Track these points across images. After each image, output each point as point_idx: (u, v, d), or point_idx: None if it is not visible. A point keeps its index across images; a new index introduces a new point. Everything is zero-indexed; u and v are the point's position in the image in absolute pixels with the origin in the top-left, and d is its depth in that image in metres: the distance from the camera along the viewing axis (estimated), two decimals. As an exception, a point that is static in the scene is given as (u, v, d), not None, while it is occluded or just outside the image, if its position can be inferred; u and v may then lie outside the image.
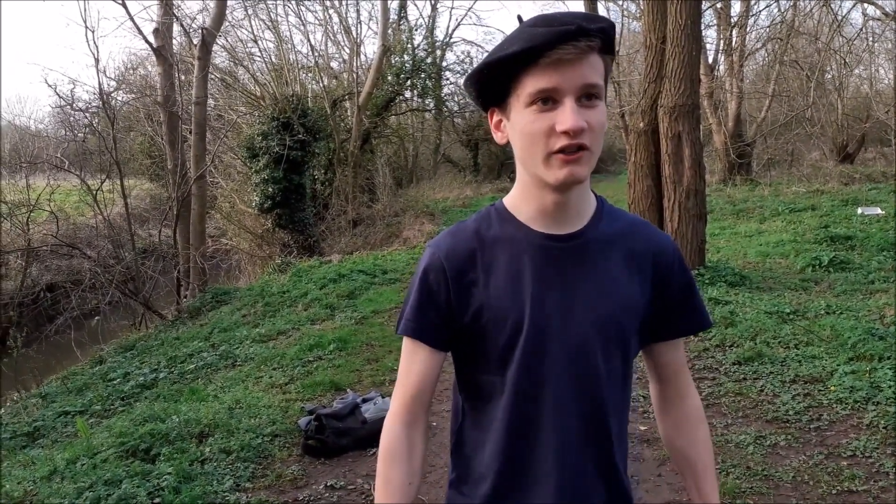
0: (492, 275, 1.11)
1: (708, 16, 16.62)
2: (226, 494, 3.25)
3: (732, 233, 10.50)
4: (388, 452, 1.16)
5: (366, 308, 7.50)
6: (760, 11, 17.81)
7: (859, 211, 10.60)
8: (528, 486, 1.12)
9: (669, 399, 1.27)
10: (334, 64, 20.91)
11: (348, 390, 4.72)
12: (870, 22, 16.47)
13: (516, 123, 1.04)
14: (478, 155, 26.70)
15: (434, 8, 24.24)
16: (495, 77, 1.03)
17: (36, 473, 3.53)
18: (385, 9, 18.04)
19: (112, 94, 13.14)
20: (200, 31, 12.42)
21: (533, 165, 1.05)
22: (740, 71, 17.59)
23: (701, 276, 6.71)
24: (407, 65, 20.65)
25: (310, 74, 18.66)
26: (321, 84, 17.97)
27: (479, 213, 1.18)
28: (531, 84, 0.99)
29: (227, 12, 14.61)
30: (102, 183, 11.01)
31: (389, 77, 19.43)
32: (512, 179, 1.15)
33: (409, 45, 21.22)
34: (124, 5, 11.66)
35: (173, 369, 6.41)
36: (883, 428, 3.49)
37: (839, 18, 15.42)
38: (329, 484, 3.40)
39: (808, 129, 18.27)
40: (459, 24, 38.88)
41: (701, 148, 7.15)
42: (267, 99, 14.93)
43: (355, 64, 19.20)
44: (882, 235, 8.62)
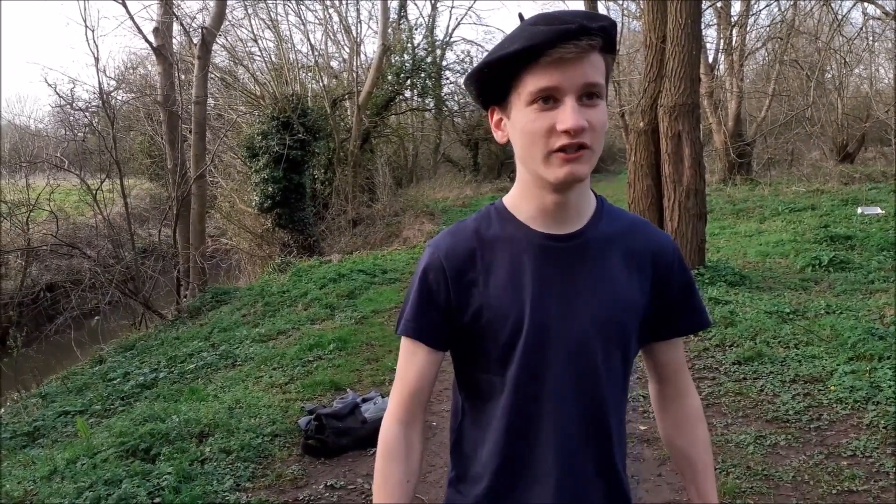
0: (492, 274, 1.11)
1: (708, 15, 16.64)
2: (226, 494, 3.25)
3: (732, 232, 10.50)
4: (386, 451, 1.16)
5: (366, 308, 7.50)
6: (760, 11, 17.82)
7: (859, 210, 10.59)
8: (528, 486, 1.12)
9: (669, 398, 1.27)
10: (334, 63, 20.93)
11: (348, 390, 4.72)
12: (870, 21, 16.48)
13: (517, 122, 1.04)
14: (478, 154, 26.69)
15: (434, 7, 24.27)
16: (496, 76, 1.03)
17: (36, 473, 3.52)
18: (385, 8, 18.05)
19: (112, 94, 13.16)
20: (200, 31, 12.41)
21: (533, 164, 1.04)
22: (740, 70, 17.58)
23: (701, 276, 6.71)
24: (407, 64, 20.65)
25: (310, 74, 18.66)
26: (321, 83, 17.97)
27: (479, 213, 1.18)
28: (532, 83, 0.99)
29: (227, 11, 14.62)
30: (102, 182, 11.00)
31: (389, 76, 19.43)
32: (512, 179, 1.15)
33: (409, 45, 21.23)
34: (124, 4, 11.66)
35: (173, 369, 6.41)
36: (883, 428, 3.49)
37: (839, 18, 15.41)
38: (329, 484, 3.40)
39: (808, 129, 18.26)
40: (459, 24, 38.70)
41: (701, 147, 7.15)
42: (267, 98, 14.93)
43: (355, 63, 19.20)
44: (882, 235, 8.61)
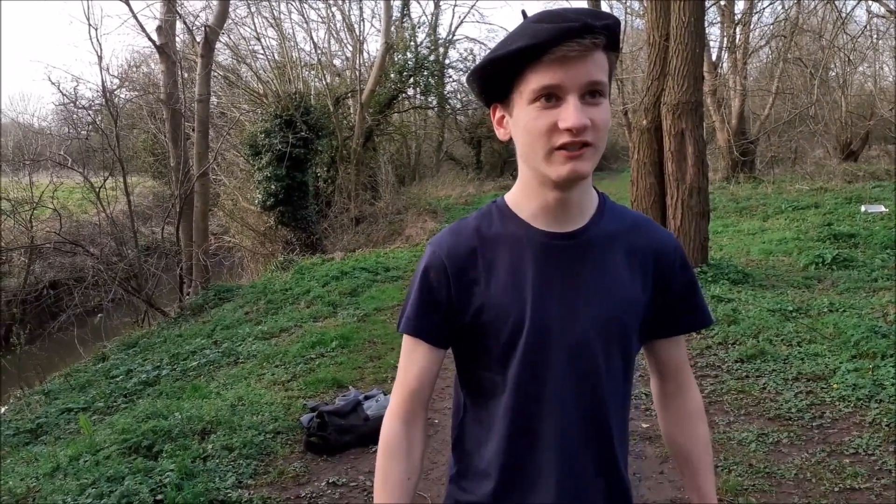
0: (493, 273, 1.11)
1: (711, 13, 16.58)
2: (228, 491, 3.25)
3: (735, 230, 10.48)
4: (387, 449, 1.16)
5: (368, 305, 7.51)
6: (764, 9, 17.74)
7: (863, 209, 10.56)
8: (529, 485, 1.12)
9: (670, 395, 1.27)
10: (337, 61, 20.94)
11: (350, 387, 4.72)
12: (874, 19, 16.41)
13: (519, 120, 1.04)
14: (480, 152, 26.65)
15: (437, 5, 24.20)
16: (499, 73, 1.03)
17: (39, 470, 3.54)
18: (388, 6, 18.04)
19: (115, 92, 13.14)
20: (203, 29, 12.41)
21: (535, 162, 1.04)
22: (744, 68, 17.53)
23: (704, 274, 6.70)
24: (410, 62, 20.62)
25: (313, 72, 18.67)
26: (324, 82, 17.96)
27: (481, 211, 1.18)
28: (535, 81, 0.99)
29: (230, 10, 14.62)
30: (105, 180, 11.01)
31: (392, 74, 19.41)
32: (514, 177, 1.15)
33: (412, 43, 21.21)
34: (127, 3, 11.68)
35: (176, 366, 6.42)
36: (885, 426, 3.48)
37: (843, 16, 15.38)
38: (331, 481, 3.40)
39: (812, 127, 18.20)
40: (462, 22, 38.94)
41: (704, 145, 7.13)
42: (270, 96, 14.95)
43: (358, 61, 19.17)
44: (885, 233, 8.59)
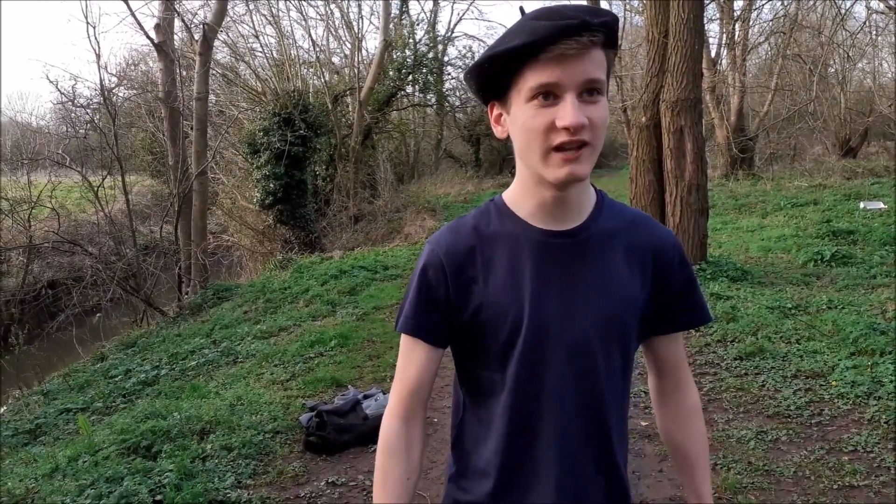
0: (491, 271, 1.11)
1: (710, 10, 16.56)
2: (227, 491, 3.25)
3: (734, 227, 10.48)
4: (386, 448, 1.16)
5: (367, 304, 7.50)
6: (763, 5, 17.82)
7: (861, 205, 10.56)
8: (529, 483, 1.12)
9: (668, 392, 1.27)
10: (336, 59, 20.91)
11: (349, 387, 4.72)
12: (873, 15, 16.35)
13: (517, 118, 1.03)
14: (479, 150, 26.65)
15: (436, 2, 24.22)
16: (496, 71, 1.02)
17: (37, 471, 3.53)
18: (386, 4, 18.01)
19: (113, 91, 13.11)
20: (202, 27, 12.39)
21: (533, 162, 1.03)
22: (743, 65, 17.52)
23: (703, 271, 6.70)
24: (408, 60, 20.61)
25: (311, 70, 18.65)
26: (322, 79, 17.95)
27: (479, 209, 1.17)
28: (532, 78, 0.98)
29: (229, 8, 14.61)
30: (104, 179, 11.00)
31: (391, 72, 19.40)
32: (513, 175, 1.14)
33: (411, 40, 21.19)
34: (126, 1, 11.66)
35: (175, 366, 6.42)
36: (884, 423, 3.48)
37: (842, 12, 15.36)
38: (330, 480, 3.40)
39: (811, 124, 18.20)
40: (461, 19, 38.88)
41: (703, 142, 7.13)
42: (268, 94, 14.93)
43: (357, 59, 19.16)
44: (884, 230, 8.59)
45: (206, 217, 12.67)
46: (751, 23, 17.39)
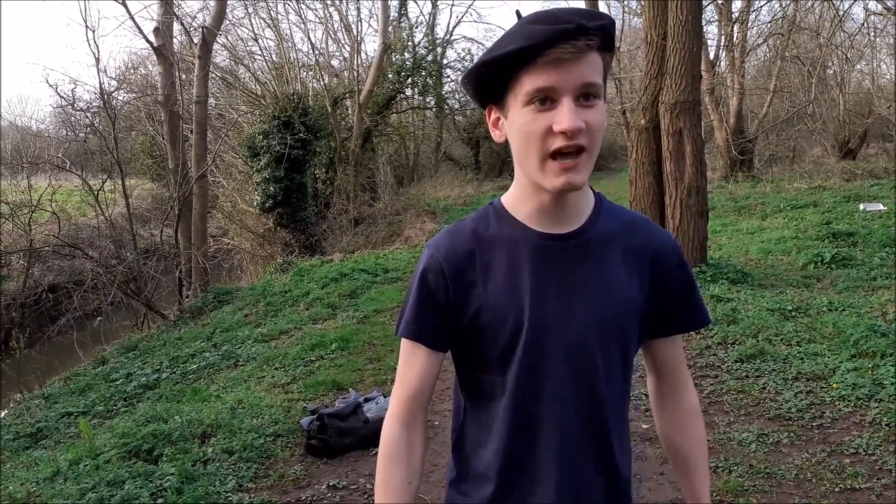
0: (490, 275, 1.11)
1: (709, 12, 16.57)
2: (228, 495, 3.25)
3: (734, 230, 10.48)
4: (388, 452, 1.16)
5: (367, 307, 7.50)
6: (761, 7, 17.74)
7: (861, 207, 10.56)
8: (529, 485, 1.12)
9: (667, 395, 1.27)
10: (335, 62, 20.93)
11: (350, 390, 4.72)
12: (871, 17, 16.36)
13: (514, 122, 1.03)
14: (479, 153, 26.67)
15: (434, 5, 24.18)
16: (493, 75, 1.02)
17: (39, 474, 3.53)
18: (385, 6, 18.04)
19: (113, 94, 13.14)
20: (201, 30, 12.41)
21: (530, 168, 1.04)
22: (741, 67, 17.52)
23: (703, 274, 6.70)
24: (408, 62, 20.63)
25: (310, 73, 18.67)
26: (322, 82, 17.96)
27: (478, 213, 1.18)
28: (529, 83, 0.98)
29: (228, 11, 14.63)
30: (104, 183, 11.01)
31: (390, 75, 19.42)
32: (513, 177, 1.15)
33: (410, 43, 21.21)
34: (125, 4, 11.65)
35: (175, 369, 6.42)
36: (886, 425, 3.48)
37: (841, 14, 15.34)
38: (331, 484, 3.40)
39: (810, 125, 18.20)
40: (460, 22, 39.02)
41: (702, 144, 7.13)
42: (268, 97, 14.94)
43: (356, 62, 19.19)
44: (884, 231, 8.59)
45: (207, 220, 12.67)
46: (749, 25, 17.43)
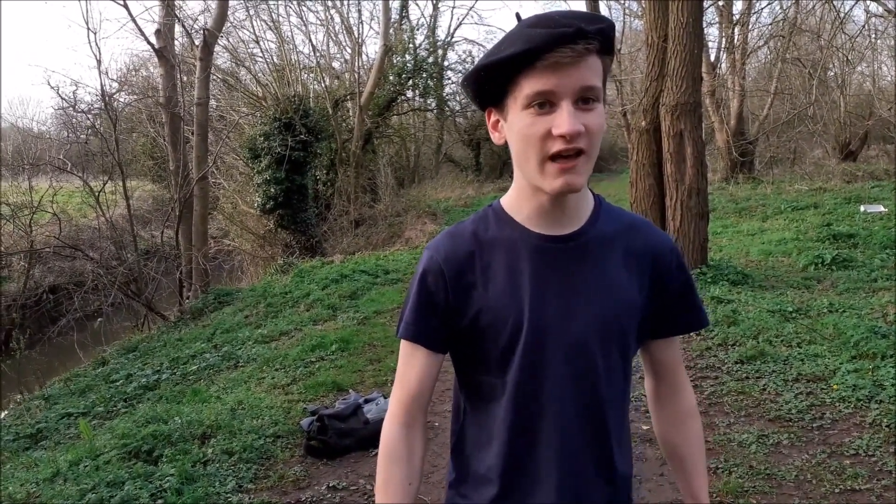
0: (490, 277, 1.11)
1: (710, 14, 16.60)
2: (228, 496, 3.25)
3: (735, 231, 10.48)
4: (388, 453, 1.16)
5: (368, 308, 7.50)
6: (762, 9, 17.69)
7: (862, 209, 10.55)
8: (530, 485, 1.13)
9: (664, 395, 1.28)
10: (336, 64, 20.94)
11: (350, 391, 4.72)
12: (872, 19, 16.38)
13: (513, 125, 1.04)
14: (480, 154, 26.67)
15: (435, 7, 24.23)
16: (492, 78, 1.03)
17: (39, 475, 3.53)
18: (386, 8, 18.06)
19: (114, 96, 13.15)
20: (202, 32, 12.42)
21: (529, 171, 1.04)
22: (742, 69, 17.52)
23: (703, 275, 6.70)
24: (409, 64, 20.65)
25: (311, 75, 18.68)
26: (323, 84, 17.98)
27: (477, 215, 1.18)
28: (528, 86, 0.99)
29: (229, 13, 14.64)
30: (105, 184, 11.02)
31: (391, 77, 19.44)
32: (513, 179, 1.15)
33: (411, 45, 21.24)
34: (126, 7, 11.69)
35: (176, 370, 6.42)
36: (886, 426, 3.48)
37: (841, 16, 15.34)
38: (331, 485, 3.40)
39: (811, 127, 18.19)
40: (461, 24, 39.05)
41: (703, 146, 7.14)
42: (269, 99, 14.96)
43: (357, 64, 19.20)
44: (885, 233, 8.59)
45: (207, 222, 12.68)
46: (750, 27, 17.42)
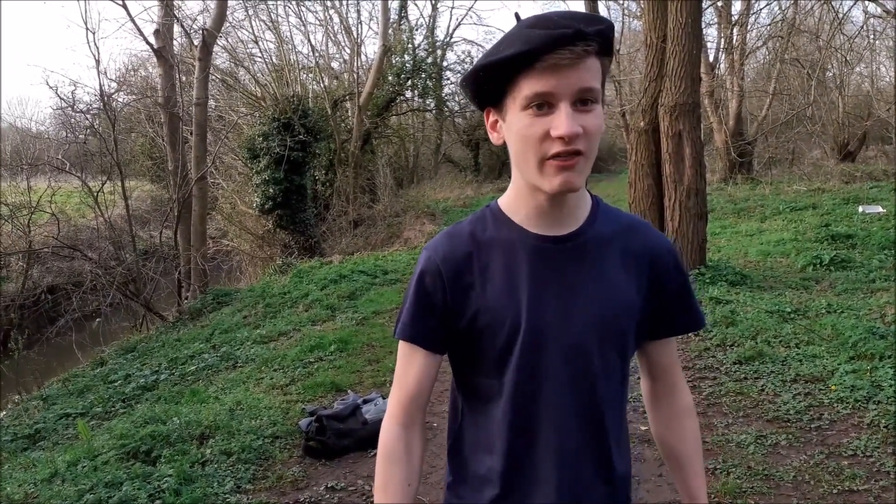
0: (488, 277, 1.11)
1: (709, 14, 16.61)
2: (226, 496, 3.25)
3: (733, 232, 10.49)
4: (387, 454, 1.16)
5: (367, 309, 7.50)
6: (761, 9, 17.73)
7: (860, 209, 10.56)
8: (530, 487, 1.13)
9: (661, 396, 1.28)
10: (335, 64, 20.97)
11: (349, 391, 4.72)
12: (871, 19, 16.42)
13: (512, 126, 1.04)
14: (478, 155, 26.69)
15: (434, 7, 24.25)
16: (491, 79, 1.03)
17: (37, 476, 3.53)
18: (385, 9, 18.06)
19: (113, 96, 13.16)
20: (201, 32, 12.42)
21: (528, 171, 1.04)
22: (741, 69, 17.54)
23: (702, 276, 6.70)
24: (407, 65, 20.67)
25: (310, 75, 18.69)
26: (322, 84, 17.99)
27: (475, 215, 1.18)
28: (527, 87, 0.99)
29: (228, 13, 14.64)
30: (103, 184, 11.02)
31: (390, 77, 19.44)
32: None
33: (410, 45, 21.25)
34: (125, 6, 11.72)
35: (174, 371, 6.41)
36: (884, 427, 3.48)
37: (840, 16, 15.36)
38: (330, 485, 3.40)
39: (809, 128, 18.22)
40: (460, 24, 39.00)
41: (702, 147, 7.14)
42: (268, 99, 14.96)
43: (356, 64, 19.21)
44: (883, 234, 8.60)
45: (206, 222, 12.68)
46: (749, 27, 17.44)
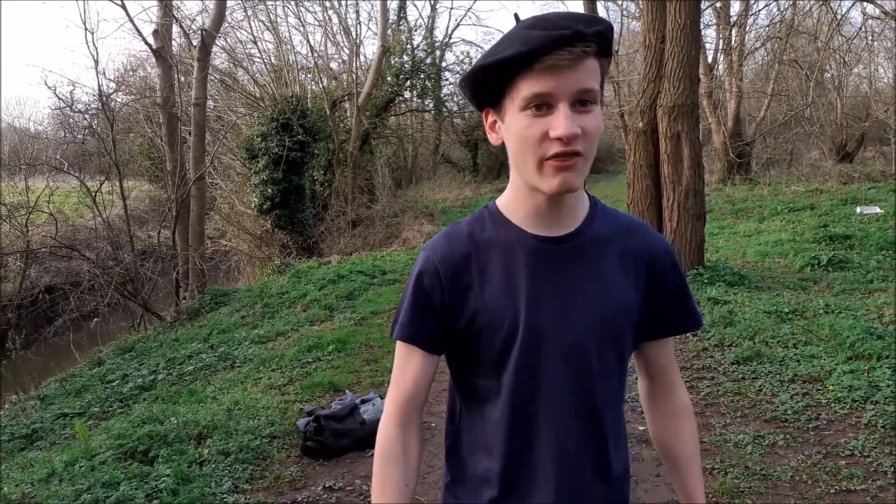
0: (487, 278, 1.11)
1: (707, 15, 16.61)
2: (224, 496, 3.24)
3: (731, 232, 10.50)
4: (384, 454, 1.16)
5: (365, 309, 7.50)
6: (760, 11, 17.77)
7: (858, 210, 10.58)
8: (528, 487, 1.13)
9: (658, 396, 1.28)
10: (334, 65, 20.96)
11: (347, 391, 4.71)
12: (869, 21, 16.39)
13: (511, 126, 1.04)
14: (477, 155, 26.68)
15: (433, 8, 24.27)
16: (490, 79, 1.03)
17: (34, 476, 3.52)
18: (384, 9, 18.05)
19: (111, 96, 13.16)
20: (200, 33, 12.42)
21: (527, 172, 1.04)
22: (739, 70, 17.56)
23: (700, 276, 6.71)
24: (406, 65, 20.67)
25: (309, 75, 18.69)
26: (320, 85, 17.99)
27: (473, 216, 1.18)
28: (526, 88, 0.99)
29: (227, 13, 14.62)
30: (102, 184, 11.01)
31: (389, 77, 19.44)
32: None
33: (409, 46, 21.26)
34: (124, 7, 11.75)
35: (172, 371, 6.41)
36: (881, 427, 3.49)
37: (838, 17, 15.36)
38: (327, 485, 3.39)
39: (808, 129, 18.25)
40: (459, 25, 39.25)
41: (700, 147, 7.15)
42: (266, 100, 14.95)
43: (355, 64, 19.23)
44: (881, 234, 8.61)
45: (204, 222, 12.67)
46: (747, 28, 17.45)
